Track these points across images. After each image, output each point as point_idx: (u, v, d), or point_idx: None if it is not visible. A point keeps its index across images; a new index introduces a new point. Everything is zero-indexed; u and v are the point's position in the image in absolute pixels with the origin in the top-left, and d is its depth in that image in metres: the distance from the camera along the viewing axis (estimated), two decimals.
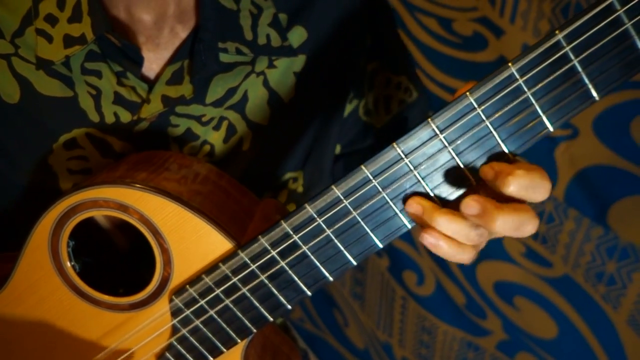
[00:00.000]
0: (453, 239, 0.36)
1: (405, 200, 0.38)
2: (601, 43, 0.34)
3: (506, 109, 0.36)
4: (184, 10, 0.49)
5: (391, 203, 0.39)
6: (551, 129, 0.37)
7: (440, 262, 0.99)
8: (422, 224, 0.38)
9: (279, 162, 0.55)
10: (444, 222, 0.36)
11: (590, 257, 0.77)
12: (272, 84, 0.52)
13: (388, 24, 0.59)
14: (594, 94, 0.36)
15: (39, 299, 0.47)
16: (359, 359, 1.30)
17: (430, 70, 0.87)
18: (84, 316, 0.47)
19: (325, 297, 1.30)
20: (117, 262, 0.53)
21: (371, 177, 0.38)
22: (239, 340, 0.45)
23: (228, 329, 0.45)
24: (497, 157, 0.37)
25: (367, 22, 0.56)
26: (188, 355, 0.46)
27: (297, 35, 0.52)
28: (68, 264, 0.45)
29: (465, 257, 0.37)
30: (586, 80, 0.35)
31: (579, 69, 0.35)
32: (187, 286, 0.44)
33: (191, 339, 0.46)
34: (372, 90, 0.58)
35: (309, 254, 0.41)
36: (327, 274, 0.42)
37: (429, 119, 0.36)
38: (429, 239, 0.36)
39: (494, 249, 0.90)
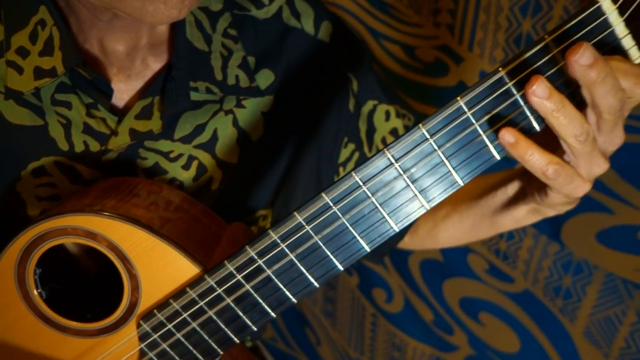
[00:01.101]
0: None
1: (367, 221, 0.40)
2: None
3: (456, 139, 0.39)
4: (156, 42, 0.51)
5: (351, 228, 0.41)
6: (498, 157, 0.39)
7: (408, 279, 1.02)
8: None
9: (249, 200, 0.56)
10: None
11: (548, 272, 0.80)
12: (241, 123, 0.54)
13: (366, 61, 0.61)
14: (536, 125, 0.39)
15: (5, 326, 0.47)
16: None
17: None
18: (50, 343, 0.47)
19: (297, 315, 1.31)
20: (85, 287, 0.53)
21: (331, 204, 0.40)
22: None
23: (195, 351, 0.45)
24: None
25: (347, 66, 0.58)
26: None
27: (265, 78, 0.54)
28: (35, 291, 0.46)
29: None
30: (528, 113, 0.38)
31: (521, 102, 0.38)
32: (155, 310, 0.44)
33: None
34: (375, 132, 0.60)
35: (273, 277, 0.42)
36: (290, 296, 0.43)
37: (385, 149, 0.39)
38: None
39: (459, 266, 0.93)
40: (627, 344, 0.73)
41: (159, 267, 0.44)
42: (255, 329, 0.44)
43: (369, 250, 0.41)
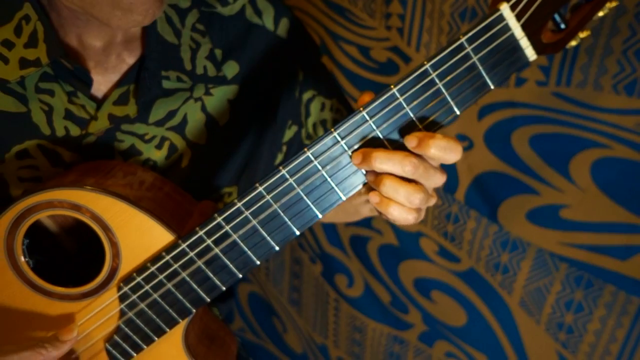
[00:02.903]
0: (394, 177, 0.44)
1: (316, 191, 0.48)
2: (457, 71, 0.45)
3: (391, 120, 0.46)
4: (130, 39, 0.57)
5: (305, 197, 0.48)
6: None
7: (367, 264, 1.09)
8: (368, 169, 0.46)
9: (215, 178, 0.63)
10: (381, 157, 0.44)
11: (488, 251, 0.89)
12: (209, 109, 0.60)
13: (315, 56, 0.69)
14: (456, 110, 0.47)
15: None
16: None
17: (351, 91, 0.99)
18: (37, 307, 0.52)
19: (264, 305, 1.36)
20: (65, 263, 0.59)
21: (288, 176, 0.47)
22: (180, 320, 0.52)
23: (170, 310, 0.52)
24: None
25: (297, 58, 0.65)
26: (135, 337, 0.53)
27: (231, 68, 0.61)
28: (22, 259, 0.51)
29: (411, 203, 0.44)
30: (449, 99, 0.46)
31: (443, 90, 0.46)
32: (134, 274, 0.50)
33: (137, 321, 0.52)
34: (309, 117, 0.67)
35: (239, 241, 0.49)
36: (254, 259, 0.50)
37: (332, 129, 0.46)
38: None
39: (412, 249, 1.01)
40: (553, 310, 0.83)
41: (138, 235, 0.50)
42: (224, 288, 0.51)
43: (321, 216, 0.49)
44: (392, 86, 0.46)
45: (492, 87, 0.46)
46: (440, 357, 1.05)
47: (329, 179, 0.47)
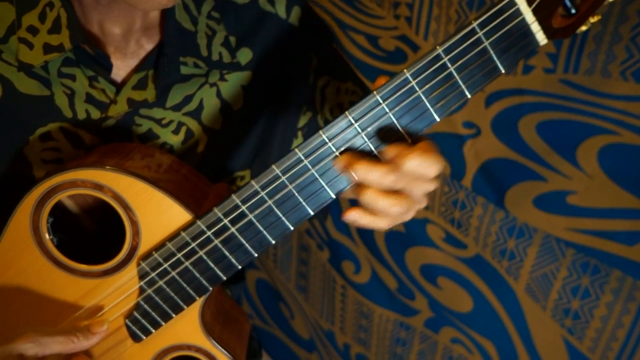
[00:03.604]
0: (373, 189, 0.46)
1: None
2: (469, 56, 0.47)
3: (404, 103, 0.48)
4: (149, 25, 0.58)
5: (319, 178, 0.49)
6: (437, 119, 0.48)
7: (374, 251, 1.11)
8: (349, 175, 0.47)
9: (229, 162, 0.64)
10: (362, 169, 0.45)
11: (495, 237, 0.91)
12: (224, 94, 0.62)
13: (328, 41, 0.70)
14: (467, 93, 0.48)
15: (19, 270, 0.54)
16: (304, 350, 1.39)
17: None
18: (60, 283, 0.54)
19: (272, 292, 1.38)
20: (86, 242, 0.60)
21: (303, 158, 0.48)
22: (197, 298, 0.54)
23: (188, 288, 0.53)
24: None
25: (310, 45, 0.67)
26: (153, 313, 0.55)
27: (245, 55, 0.62)
28: (47, 236, 0.53)
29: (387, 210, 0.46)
30: (460, 83, 0.47)
31: (455, 74, 0.47)
32: (153, 252, 0.52)
33: (156, 298, 0.54)
34: (325, 102, 0.68)
35: (255, 221, 0.51)
36: (270, 238, 0.51)
37: (346, 112, 0.47)
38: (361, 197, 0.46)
39: (419, 236, 1.02)
40: (560, 296, 0.84)
41: (157, 214, 0.51)
42: (239, 267, 0.52)
43: (334, 197, 0.50)
44: (405, 70, 0.47)
45: (502, 71, 0.47)
46: (446, 343, 1.07)
47: None
